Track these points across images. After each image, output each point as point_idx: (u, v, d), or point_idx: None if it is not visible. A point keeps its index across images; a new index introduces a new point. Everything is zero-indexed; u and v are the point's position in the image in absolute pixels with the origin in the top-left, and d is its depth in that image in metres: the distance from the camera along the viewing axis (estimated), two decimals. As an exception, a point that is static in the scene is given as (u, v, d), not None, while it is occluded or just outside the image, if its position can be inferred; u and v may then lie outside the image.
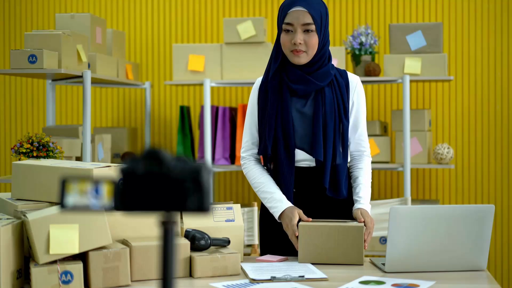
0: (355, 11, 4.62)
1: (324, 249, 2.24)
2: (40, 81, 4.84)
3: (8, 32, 4.92)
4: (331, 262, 2.24)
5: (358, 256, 2.23)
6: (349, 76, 2.48)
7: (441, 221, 2.11)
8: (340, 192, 2.40)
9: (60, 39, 3.53)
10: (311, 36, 2.37)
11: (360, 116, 2.48)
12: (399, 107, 4.55)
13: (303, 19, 2.35)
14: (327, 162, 2.38)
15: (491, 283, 2.03)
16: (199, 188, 1.12)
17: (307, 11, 2.35)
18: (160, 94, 4.79)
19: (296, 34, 2.36)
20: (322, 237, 2.24)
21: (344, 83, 2.45)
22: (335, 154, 2.39)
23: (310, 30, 2.36)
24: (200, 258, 2.09)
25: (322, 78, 2.41)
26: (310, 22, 2.35)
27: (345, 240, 2.23)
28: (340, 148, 2.41)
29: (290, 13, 2.37)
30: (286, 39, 2.38)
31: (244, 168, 2.50)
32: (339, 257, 2.24)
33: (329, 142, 2.38)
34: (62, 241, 1.89)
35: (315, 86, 2.40)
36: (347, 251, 2.23)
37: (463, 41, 4.54)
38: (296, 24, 2.36)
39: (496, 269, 4.50)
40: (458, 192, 4.54)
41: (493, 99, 4.51)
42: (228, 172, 4.70)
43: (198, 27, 4.75)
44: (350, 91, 2.46)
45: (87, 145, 3.61)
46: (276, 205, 2.36)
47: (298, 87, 2.40)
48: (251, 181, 2.48)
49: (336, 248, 2.24)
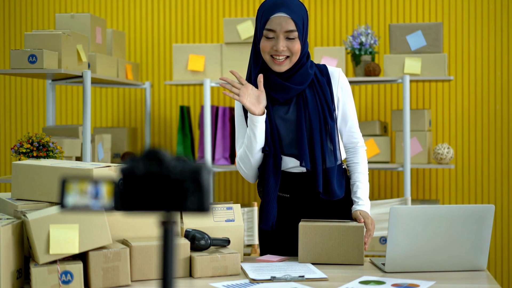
0: (355, 11, 4.62)
1: (324, 249, 2.24)
2: (40, 81, 4.84)
3: (8, 32, 4.92)
4: (331, 262, 2.24)
5: (359, 256, 2.23)
6: (330, 70, 2.40)
7: (441, 221, 2.11)
8: (334, 194, 2.37)
9: (60, 39, 3.53)
10: (294, 43, 2.29)
11: (348, 108, 2.42)
12: (399, 107, 4.55)
13: (286, 26, 2.27)
14: (318, 166, 2.33)
15: (491, 283, 2.03)
16: (199, 188, 1.12)
17: (290, 17, 2.27)
18: (160, 94, 4.79)
19: (279, 41, 2.28)
20: (322, 237, 2.24)
21: (325, 80, 2.38)
22: (324, 157, 2.35)
23: (293, 37, 2.29)
24: (200, 258, 2.09)
25: (301, 81, 2.34)
26: (293, 29, 2.28)
27: (345, 240, 2.23)
28: (329, 152, 2.36)
29: (272, 19, 2.28)
30: (267, 45, 2.30)
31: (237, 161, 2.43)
32: (339, 257, 2.24)
33: (317, 146, 2.33)
34: (62, 241, 1.89)
35: (295, 91, 2.34)
36: (347, 251, 2.23)
37: (463, 41, 4.54)
38: (279, 30, 2.28)
39: (496, 269, 4.50)
40: (458, 192, 4.55)
41: (493, 99, 4.51)
42: (228, 172, 4.70)
43: (198, 27, 4.75)
44: (333, 86, 2.39)
45: (87, 145, 3.61)
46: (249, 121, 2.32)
47: (278, 96, 2.35)
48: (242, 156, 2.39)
49: (336, 248, 2.24)
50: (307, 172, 2.37)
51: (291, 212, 2.42)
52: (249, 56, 2.42)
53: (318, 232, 2.24)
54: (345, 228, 2.24)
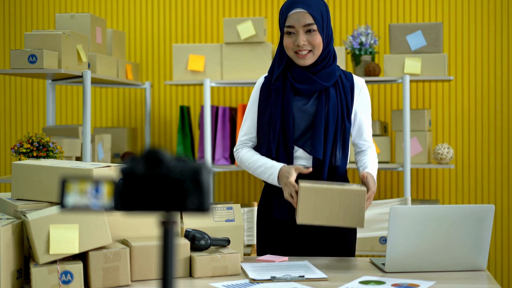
0: (355, 11, 4.62)
1: (324, 211, 2.20)
2: (40, 81, 4.84)
3: (8, 32, 4.92)
4: (330, 225, 2.21)
5: (359, 219, 2.19)
6: (355, 78, 2.47)
7: (441, 221, 2.11)
8: None
9: (60, 39, 3.53)
10: (314, 36, 2.36)
11: (365, 121, 2.48)
12: (399, 107, 4.55)
13: (303, 20, 2.35)
14: (325, 161, 2.36)
15: (491, 283, 2.03)
16: (199, 188, 1.12)
17: (307, 11, 2.35)
18: (160, 94, 4.79)
19: (299, 36, 2.35)
20: (323, 200, 2.19)
21: (349, 86, 2.44)
22: (335, 155, 2.38)
23: (312, 30, 2.36)
24: (200, 258, 2.09)
25: (327, 78, 2.40)
26: (311, 23, 2.35)
27: (346, 203, 2.19)
28: (339, 150, 2.40)
29: (290, 16, 2.37)
30: (289, 41, 2.38)
31: (237, 156, 2.49)
32: (339, 220, 2.20)
33: (329, 142, 2.37)
34: (62, 241, 1.89)
35: (320, 86, 2.39)
36: (347, 214, 2.19)
37: (463, 41, 4.54)
38: (297, 26, 2.36)
39: (496, 269, 4.50)
40: (458, 192, 4.55)
41: (493, 99, 4.51)
42: (228, 172, 4.70)
43: (198, 27, 4.75)
44: (355, 94, 2.45)
45: (87, 145, 3.61)
46: (271, 172, 2.34)
47: (303, 87, 2.40)
48: (245, 165, 2.45)
49: (336, 211, 2.19)
50: (314, 167, 2.38)
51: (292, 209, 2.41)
52: (274, 55, 2.47)
53: (319, 194, 2.20)
54: (346, 191, 2.20)
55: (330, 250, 2.43)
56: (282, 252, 2.43)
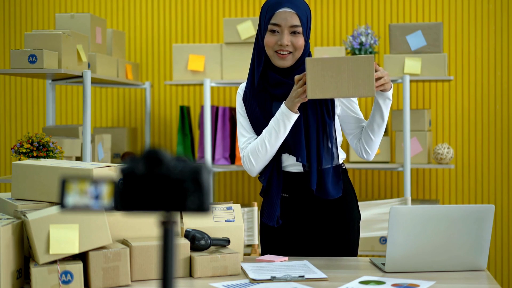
0: (355, 11, 4.62)
1: (333, 82, 2.15)
2: (40, 81, 4.84)
3: (8, 32, 4.92)
4: (341, 96, 2.18)
5: (369, 87, 2.15)
6: None
7: (441, 221, 2.11)
8: (327, 193, 2.35)
9: (60, 39, 3.53)
10: (298, 38, 2.33)
11: (356, 108, 2.43)
12: (399, 107, 4.55)
13: (291, 20, 2.31)
14: (312, 164, 2.33)
15: (491, 283, 2.03)
16: (199, 188, 1.12)
17: (295, 12, 2.31)
18: (160, 94, 4.79)
19: (283, 36, 2.31)
20: (331, 71, 2.15)
21: None
22: (320, 156, 2.35)
23: (297, 32, 2.32)
24: (200, 258, 2.09)
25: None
26: (298, 24, 2.31)
27: (355, 71, 2.15)
28: (325, 150, 2.36)
29: (278, 14, 2.32)
30: (271, 39, 2.33)
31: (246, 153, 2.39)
32: (349, 90, 2.16)
33: (312, 144, 2.33)
34: (62, 241, 1.89)
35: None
36: (357, 83, 2.15)
37: (463, 41, 4.54)
38: (284, 25, 2.31)
39: (496, 269, 4.50)
40: (458, 192, 4.55)
41: (493, 99, 4.51)
42: (228, 172, 4.70)
43: (198, 27, 4.75)
44: None
45: (87, 145, 3.61)
46: (277, 113, 2.30)
47: (277, 92, 2.36)
48: (258, 148, 2.35)
49: (346, 80, 2.16)
50: (305, 172, 2.38)
51: (291, 211, 2.42)
52: (251, 56, 2.43)
53: (326, 65, 2.16)
54: (354, 59, 2.16)
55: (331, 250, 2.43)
56: (284, 252, 2.43)
